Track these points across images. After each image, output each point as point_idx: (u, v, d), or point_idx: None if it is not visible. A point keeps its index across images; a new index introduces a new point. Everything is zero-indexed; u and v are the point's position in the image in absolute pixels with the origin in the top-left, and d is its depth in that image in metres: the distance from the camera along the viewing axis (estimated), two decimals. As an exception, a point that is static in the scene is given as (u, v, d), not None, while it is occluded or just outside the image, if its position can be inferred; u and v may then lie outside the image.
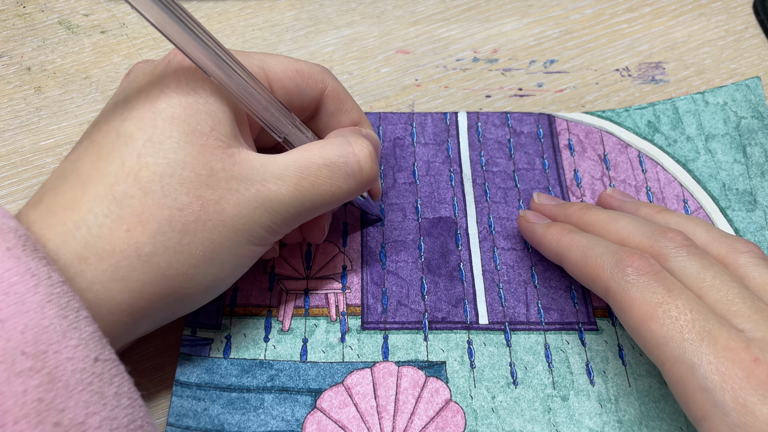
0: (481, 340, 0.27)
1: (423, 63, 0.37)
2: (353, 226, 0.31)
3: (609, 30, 0.38)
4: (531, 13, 0.39)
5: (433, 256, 0.30)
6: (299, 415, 0.25)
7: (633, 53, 0.37)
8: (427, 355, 0.27)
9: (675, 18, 0.39)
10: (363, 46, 0.38)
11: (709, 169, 0.32)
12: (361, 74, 0.36)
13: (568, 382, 0.26)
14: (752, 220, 0.30)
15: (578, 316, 0.28)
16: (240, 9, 0.39)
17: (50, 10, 0.39)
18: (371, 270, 0.29)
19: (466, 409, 0.26)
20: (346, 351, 0.27)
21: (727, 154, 0.33)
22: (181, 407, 0.25)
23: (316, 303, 0.28)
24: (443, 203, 0.31)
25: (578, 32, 0.38)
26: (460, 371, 0.27)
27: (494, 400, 0.26)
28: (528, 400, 0.26)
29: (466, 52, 0.37)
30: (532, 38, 0.38)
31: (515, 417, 0.26)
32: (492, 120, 0.34)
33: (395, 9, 0.39)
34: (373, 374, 0.26)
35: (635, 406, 0.26)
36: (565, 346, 0.27)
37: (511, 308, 0.28)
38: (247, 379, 0.26)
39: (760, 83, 0.34)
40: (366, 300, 0.28)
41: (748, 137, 0.33)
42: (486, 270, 0.29)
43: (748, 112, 0.33)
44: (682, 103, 0.34)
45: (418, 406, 0.26)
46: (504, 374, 0.27)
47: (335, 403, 0.26)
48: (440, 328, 0.28)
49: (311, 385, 0.26)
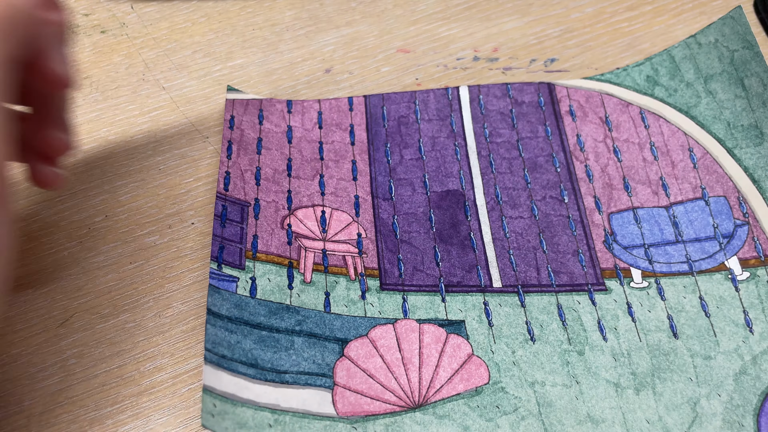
0: (496, 302, 0.28)
1: (423, 62, 0.37)
2: (364, 200, 0.31)
3: (610, 28, 0.38)
4: (531, 11, 0.39)
5: (443, 226, 0.30)
6: (329, 360, 0.26)
7: (634, 52, 0.37)
8: (446, 315, 0.28)
9: (676, 16, 0.39)
10: (363, 45, 0.38)
11: (712, 111, 0.32)
12: (361, 73, 0.36)
13: (582, 339, 0.27)
14: (761, 154, 0.30)
15: (587, 278, 0.29)
16: (240, 8, 0.39)
17: (50, 10, 0.39)
18: (385, 239, 0.30)
19: (488, 362, 0.27)
20: (367, 307, 0.28)
21: (727, 91, 0.33)
22: (216, 336, 0.25)
23: (334, 263, 0.29)
24: (450, 177, 0.32)
25: (579, 31, 0.38)
26: (479, 329, 0.28)
27: (514, 354, 0.27)
28: (546, 354, 0.27)
29: (466, 50, 0.37)
30: (533, 37, 0.38)
31: (536, 369, 0.27)
32: (493, 92, 0.35)
33: (395, 8, 0.39)
34: (395, 330, 0.27)
35: (647, 360, 0.27)
36: (577, 305, 0.28)
37: (522, 272, 0.29)
38: (276, 320, 0.27)
39: (742, 12, 0.34)
40: (383, 264, 0.29)
41: (743, 69, 0.33)
42: (496, 238, 0.30)
43: (738, 44, 0.33)
44: (677, 50, 0.35)
45: (442, 360, 0.27)
46: (521, 331, 0.28)
47: (362, 353, 0.27)
48: (456, 291, 0.29)
49: (337, 335, 0.27)
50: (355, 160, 0.32)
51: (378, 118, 0.34)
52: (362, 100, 0.34)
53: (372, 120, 0.34)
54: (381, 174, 0.32)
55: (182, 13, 0.39)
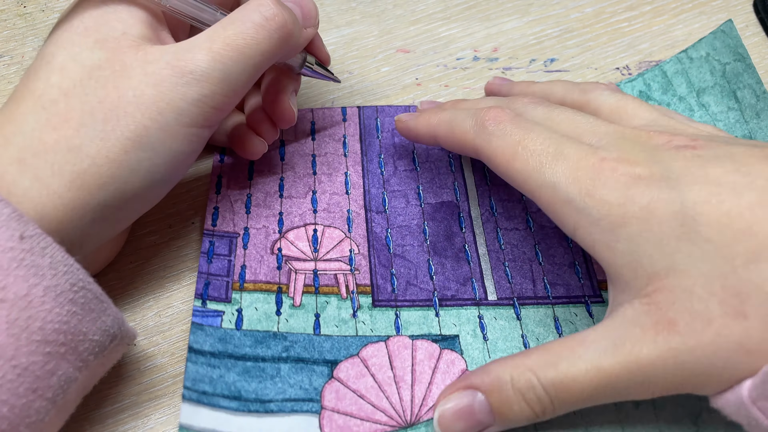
0: (491, 315, 0.28)
1: (423, 62, 0.37)
2: (357, 214, 0.31)
3: (609, 28, 0.38)
4: (531, 11, 0.39)
5: (438, 239, 0.30)
6: (317, 384, 0.25)
7: (633, 52, 0.37)
8: (440, 330, 0.27)
9: (675, 16, 0.39)
10: (363, 45, 0.38)
11: (705, 123, 0.32)
12: (361, 73, 0.36)
13: None
14: None
15: (584, 290, 0.29)
16: (240, 8, 0.39)
17: (51, 10, 0.39)
18: (378, 254, 0.30)
19: None
20: (359, 326, 0.27)
21: (720, 104, 0.33)
22: (197, 373, 0.25)
23: (325, 282, 0.29)
24: (445, 188, 0.32)
25: (578, 31, 0.38)
26: (474, 343, 0.27)
27: None
28: None
29: (466, 50, 0.37)
30: (533, 37, 0.38)
31: None
32: None
33: (395, 8, 0.39)
34: (387, 347, 0.27)
35: None
36: (574, 318, 0.28)
37: (518, 285, 0.29)
38: (261, 349, 0.26)
39: (733, 25, 0.34)
40: (375, 280, 0.29)
41: (735, 82, 0.33)
42: (491, 250, 0.30)
43: (730, 57, 0.33)
44: (668, 66, 0.35)
45: (435, 377, 0.26)
46: (517, 345, 0.27)
47: (352, 374, 0.26)
48: (450, 305, 0.28)
49: (327, 357, 0.26)
50: (348, 171, 0.32)
51: (371, 129, 0.34)
52: (356, 110, 0.34)
53: (365, 131, 0.34)
54: (374, 186, 0.32)
55: (182, 13, 0.39)
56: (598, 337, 0.22)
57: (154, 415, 0.26)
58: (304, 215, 0.31)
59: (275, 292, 0.28)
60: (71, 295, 0.20)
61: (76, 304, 0.20)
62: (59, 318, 0.19)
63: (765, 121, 0.32)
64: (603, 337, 0.21)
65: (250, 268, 0.29)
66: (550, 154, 0.23)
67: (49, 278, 0.19)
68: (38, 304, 0.19)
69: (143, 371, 0.27)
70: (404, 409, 0.25)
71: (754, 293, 0.19)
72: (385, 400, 0.25)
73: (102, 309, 0.21)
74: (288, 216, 0.30)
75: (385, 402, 0.25)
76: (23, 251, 0.19)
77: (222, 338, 0.26)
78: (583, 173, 0.22)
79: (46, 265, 0.19)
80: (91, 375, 0.22)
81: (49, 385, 0.20)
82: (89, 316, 0.21)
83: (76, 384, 0.21)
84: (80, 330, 0.20)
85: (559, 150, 0.23)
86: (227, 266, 0.28)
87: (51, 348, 0.19)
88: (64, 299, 0.20)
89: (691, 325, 0.20)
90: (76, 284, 0.20)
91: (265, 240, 0.29)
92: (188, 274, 0.29)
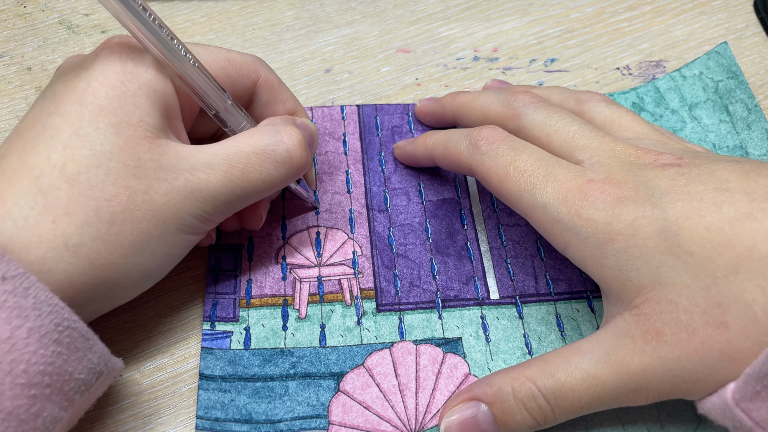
0: (494, 315, 0.28)
1: (423, 62, 0.37)
2: (359, 213, 0.31)
3: (609, 28, 0.38)
4: (531, 11, 0.39)
5: (440, 237, 0.30)
6: (324, 399, 0.26)
7: (633, 52, 0.37)
8: (443, 333, 0.28)
9: (676, 16, 0.39)
10: (363, 45, 0.38)
11: (697, 134, 0.33)
12: (361, 73, 0.36)
13: None
14: None
15: (586, 285, 0.29)
16: (240, 8, 0.39)
17: (51, 10, 0.39)
18: (381, 254, 0.30)
19: None
20: (363, 333, 0.28)
21: (711, 117, 0.33)
22: (209, 400, 0.25)
23: (330, 289, 0.29)
24: (446, 185, 0.32)
25: (579, 31, 0.38)
26: (476, 346, 0.27)
27: None
28: None
29: (466, 50, 0.37)
30: (533, 37, 0.38)
31: None
32: None
33: (395, 8, 0.39)
34: (392, 354, 0.27)
35: None
36: (576, 314, 0.28)
37: (520, 282, 0.29)
38: (270, 368, 0.26)
39: (728, 47, 0.34)
40: (379, 283, 0.29)
41: (728, 97, 0.33)
42: (493, 247, 0.30)
43: (723, 75, 0.34)
44: (661, 83, 0.35)
45: (439, 382, 0.26)
46: (519, 345, 0.27)
47: (358, 385, 0.26)
48: (453, 306, 0.28)
49: (333, 369, 0.27)
50: (349, 170, 0.32)
51: (371, 127, 0.34)
52: (355, 109, 0.34)
53: (365, 129, 0.34)
54: (376, 184, 0.32)
55: (183, 13, 0.39)
56: (592, 346, 0.22)
57: (154, 415, 0.26)
58: (306, 218, 0.31)
59: (281, 305, 0.28)
60: (56, 335, 0.19)
61: (61, 345, 0.19)
62: (44, 359, 0.19)
63: (756, 132, 0.32)
64: (597, 346, 0.22)
65: (255, 282, 0.29)
66: (540, 176, 0.24)
67: (33, 319, 0.19)
68: (22, 346, 0.18)
69: (143, 372, 0.27)
70: (409, 417, 0.26)
71: (734, 304, 0.20)
72: (390, 410, 0.26)
73: (88, 347, 0.20)
74: (291, 219, 0.30)
75: (390, 412, 0.26)
76: (5, 292, 0.18)
77: (232, 360, 0.26)
78: (572, 194, 0.23)
79: (30, 306, 0.19)
80: (77, 411, 0.21)
81: (35, 427, 0.19)
82: (75, 355, 0.20)
83: (61, 423, 0.20)
84: (65, 370, 0.19)
85: (549, 171, 0.24)
86: (234, 282, 0.28)
87: (36, 390, 0.19)
88: (48, 340, 0.19)
89: (677, 335, 0.20)
90: (61, 324, 0.19)
91: (269, 248, 0.29)
92: (188, 274, 0.29)
